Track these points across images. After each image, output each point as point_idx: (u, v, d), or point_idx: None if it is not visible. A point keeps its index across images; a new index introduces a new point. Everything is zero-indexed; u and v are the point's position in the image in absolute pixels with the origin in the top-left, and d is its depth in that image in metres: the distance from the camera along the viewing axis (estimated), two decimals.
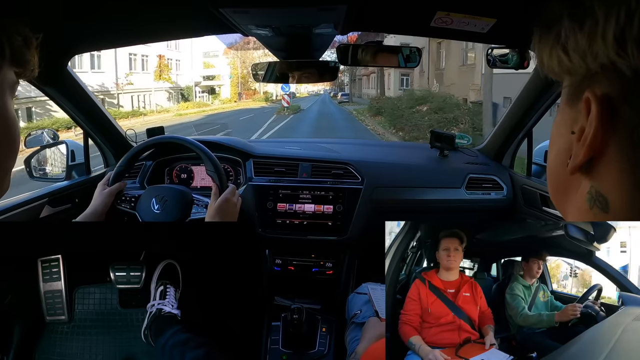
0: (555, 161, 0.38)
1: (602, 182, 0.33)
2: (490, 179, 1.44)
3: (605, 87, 0.31)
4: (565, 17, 0.33)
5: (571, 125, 0.35)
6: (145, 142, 1.23)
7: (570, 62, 0.33)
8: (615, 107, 0.31)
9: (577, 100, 0.34)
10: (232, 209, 1.08)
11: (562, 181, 0.37)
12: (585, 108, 0.32)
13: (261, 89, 36.00)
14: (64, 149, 1.48)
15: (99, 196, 1.12)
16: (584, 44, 0.31)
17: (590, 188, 0.33)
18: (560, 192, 0.38)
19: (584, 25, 0.31)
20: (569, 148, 0.34)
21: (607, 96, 0.31)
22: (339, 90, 49.10)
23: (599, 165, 0.32)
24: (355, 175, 1.40)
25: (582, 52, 0.31)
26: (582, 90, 0.33)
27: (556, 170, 0.38)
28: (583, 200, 0.34)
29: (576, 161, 0.33)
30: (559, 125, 0.37)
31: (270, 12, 0.89)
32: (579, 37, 0.31)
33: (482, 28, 0.97)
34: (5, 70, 0.45)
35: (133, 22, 1.03)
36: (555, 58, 0.34)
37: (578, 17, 0.32)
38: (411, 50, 1.19)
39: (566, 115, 0.36)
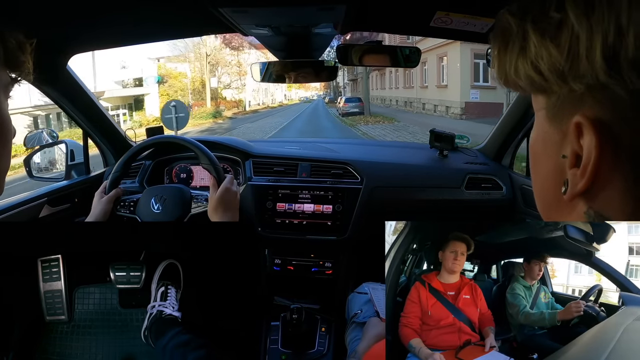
0: (544, 183, 0.36)
1: (602, 204, 0.31)
2: (490, 179, 1.44)
3: (597, 110, 0.28)
4: (529, 29, 0.30)
5: (558, 146, 0.32)
6: (139, 145, 1.21)
7: (545, 82, 0.30)
8: (612, 132, 0.28)
9: (561, 121, 0.31)
10: (233, 197, 1.08)
11: (555, 203, 0.34)
12: (575, 132, 0.29)
13: (212, 96, 27.23)
14: (63, 148, 1.48)
15: (98, 205, 1.11)
16: (563, 63, 0.28)
17: (587, 209, 0.31)
18: (553, 212, 0.36)
19: (560, 41, 0.28)
20: (560, 171, 0.32)
21: (600, 120, 0.28)
22: (334, 94, 37.92)
23: (598, 190, 0.30)
24: (354, 175, 1.40)
25: (560, 72, 0.28)
26: (567, 111, 0.30)
27: (547, 192, 0.35)
28: (580, 219, 0.33)
29: (575, 190, 0.31)
30: (544, 145, 0.34)
31: (269, 12, 0.89)
32: (554, 55, 0.28)
33: (482, 28, 0.97)
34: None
35: (133, 21, 1.02)
36: (523, 75, 0.31)
37: (548, 31, 0.28)
38: (411, 50, 1.19)
39: (549, 135, 0.33)
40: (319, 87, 42.05)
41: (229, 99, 29.90)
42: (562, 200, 0.32)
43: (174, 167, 1.52)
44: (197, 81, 26.74)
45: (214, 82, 27.87)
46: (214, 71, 27.84)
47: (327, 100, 39.31)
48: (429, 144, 1.59)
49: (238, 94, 30.75)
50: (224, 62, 28.07)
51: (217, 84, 28.04)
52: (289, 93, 47.78)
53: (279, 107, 35.88)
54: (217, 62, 27.53)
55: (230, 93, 30.26)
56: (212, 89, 27.45)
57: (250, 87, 31.02)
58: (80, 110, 1.37)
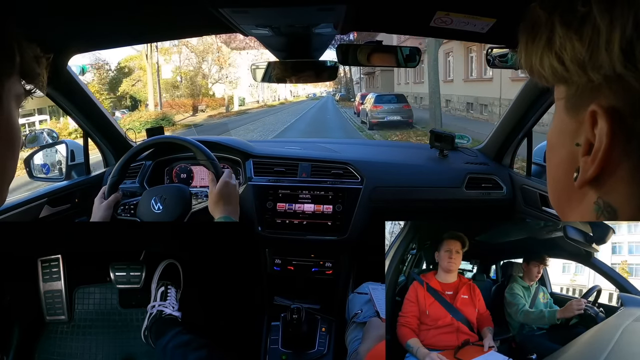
0: (557, 171, 0.37)
1: (611, 194, 0.32)
2: (490, 178, 1.44)
3: (612, 100, 0.30)
4: (556, 22, 0.31)
5: (573, 136, 0.33)
6: (134, 148, 1.20)
7: (566, 72, 0.31)
8: (625, 122, 0.29)
9: (578, 111, 0.33)
10: (232, 190, 1.07)
11: (566, 191, 0.36)
12: (590, 120, 0.31)
13: (193, 92, 23.00)
14: (63, 148, 1.48)
15: (98, 210, 1.11)
16: (584, 54, 0.29)
17: (597, 199, 0.33)
18: (563, 201, 0.37)
19: (583, 33, 0.29)
20: (573, 159, 0.34)
21: (615, 110, 0.30)
22: (347, 91, 33.37)
23: (608, 178, 0.31)
24: (354, 175, 1.40)
25: (581, 63, 0.30)
26: (584, 101, 0.32)
27: (559, 179, 0.37)
28: (590, 209, 0.33)
29: (585, 176, 0.32)
30: (559, 134, 0.36)
31: (269, 12, 0.89)
32: (576, 47, 0.30)
33: (482, 28, 0.97)
34: (14, 79, 0.46)
35: (132, 21, 1.02)
36: (547, 66, 0.32)
37: (573, 24, 0.30)
38: (411, 50, 1.19)
39: (565, 124, 0.35)
40: (328, 83, 35.27)
41: (218, 96, 25.44)
42: (573, 188, 0.34)
43: (174, 167, 1.53)
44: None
45: (166, 71, 22.38)
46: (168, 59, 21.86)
47: (338, 98, 33.10)
48: (429, 144, 1.59)
49: (231, 89, 25.76)
50: (210, 50, 23.07)
51: (170, 75, 22.77)
52: (295, 89, 43.78)
53: (279, 106, 30.66)
54: (204, 49, 22.88)
55: (223, 89, 25.43)
56: (176, 83, 22.42)
57: (245, 81, 25.89)
58: (80, 110, 1.38)
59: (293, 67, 1.27)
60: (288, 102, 36.85)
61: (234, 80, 25.26)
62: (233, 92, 26.08)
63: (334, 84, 38.72)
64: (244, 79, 25.27)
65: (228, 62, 24.25)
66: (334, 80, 1.35)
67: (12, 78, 0.45)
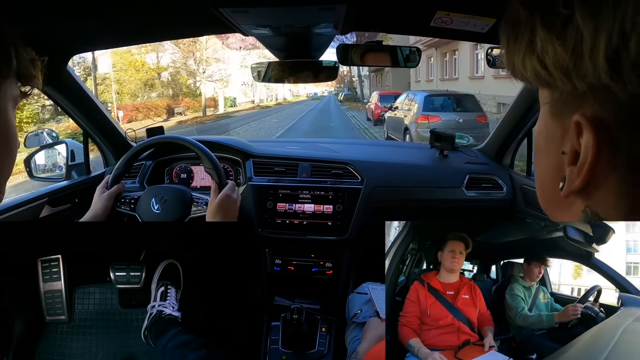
0: (544, 178, 0.36)
1: (598, 204, 0.31)
2: (490, 178, 1.44)
3: (597, 110, 0.28)
4: (537, 23, 0.29)
5: (559, 143, 0.32)
6: (142, 143, 1.22)
7: (550, 77, 0.30)
8: (611, 134, 0.28)
9: (563, 118, 0.31)
10: (232, 205, 1.08)
11: (553, 199, 0.35)
12: (575, 130, 0.30)
13: (175, 92, 20.15)
14: (63, 148, 1.48)
15: (99, 200, 1.12)
16: (567, 61, 0.28)
17: (585, 207, 0.32)
18: (551, 207, 0.36)
19: (565, 38, 0.28)
20: (559, 167, 0.32)
21: (600, 121, 0.28)
22: (350, 91, 30.73)
23: (594, 190, 0.30)
24: (355, 175, 1.40)
25: (564, 69, 0.28)
26: (568, 108, 0.30)
27: (546, 187, 0.36)
28: (577, 217, 0.33)
29: (572, 187, 0.31)
30: (546, 141, 0.35)
31: (269, 12, 0.89)
32: (559, 52, 0.28)
33: (482, 28, 0.97)
34: (10, 81, 0.46)
35: (133, 21, 1.02)
36: (530, 69, 0.31)
37: (555, 26, 0.28)
38: (411, 50, 1.19)
39: (551, 130, 0.33)
40: (330, 82, 35.52)
41: (208, 96, 21.73)
42: (559, 196, 0.33)
43: (174, 167, 1.52)
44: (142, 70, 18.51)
45: (104, 64, 17.46)
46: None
47: (342, 97, 29.63)
48: (429, 143, 1.59)
49: (222, 87, 22.52)
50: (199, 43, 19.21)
51: (111, 69, 17.83)
52: (296, 88, 41.33)
53: (274, 107, 27.35)
54: (193, 41, 18.65)
55: (213, 87, 22.04)
56: (150, 82, 18.67)
57: (237, 79, 23.33)
58: (80, 111, 1.37)
59: (293, 67, 1.27)
60: (286, 102, 34.78)
61: (225, 78, 22.30)
62: (218, 92, 22.90)
63: (336, 82, 36.83)
64: (235, 77, 23.01)
65: (214, 57, 21.17)
66: (335, 80, 1.35)
67: (9, 80, 0.46)
